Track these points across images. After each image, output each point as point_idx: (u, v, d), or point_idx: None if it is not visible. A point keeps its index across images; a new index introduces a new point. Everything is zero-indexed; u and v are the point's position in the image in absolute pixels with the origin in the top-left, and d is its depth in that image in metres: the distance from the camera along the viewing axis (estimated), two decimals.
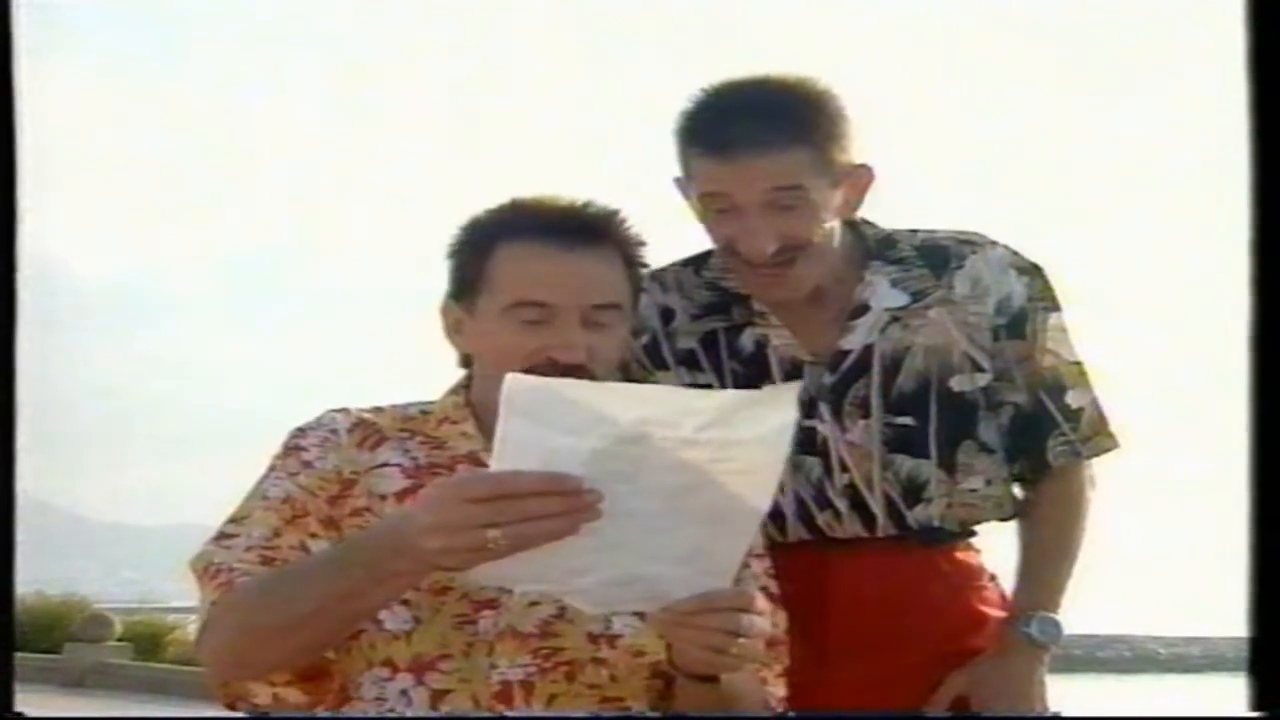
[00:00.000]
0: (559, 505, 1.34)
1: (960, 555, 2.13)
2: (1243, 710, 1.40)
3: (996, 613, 2.13)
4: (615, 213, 1.75)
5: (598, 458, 1.35)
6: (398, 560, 1.44)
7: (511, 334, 1.69)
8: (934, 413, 2.06)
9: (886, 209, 2.14)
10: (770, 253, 1.95)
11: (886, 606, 2.06)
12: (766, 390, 1.43)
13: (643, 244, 1.77)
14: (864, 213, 2.10)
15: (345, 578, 1.51)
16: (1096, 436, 2.15)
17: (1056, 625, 2.09)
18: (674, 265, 2.15)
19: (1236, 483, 1.40)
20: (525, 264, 1.70)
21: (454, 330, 1.79)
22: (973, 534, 2.15)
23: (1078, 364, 2.15)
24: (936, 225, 2.17)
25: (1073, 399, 2.13)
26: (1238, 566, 1.39)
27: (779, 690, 1.78)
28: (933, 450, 2.06)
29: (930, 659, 2.08)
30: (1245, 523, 1.38)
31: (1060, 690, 2.15)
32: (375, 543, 1.49)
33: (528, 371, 1.52)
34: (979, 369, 2.08)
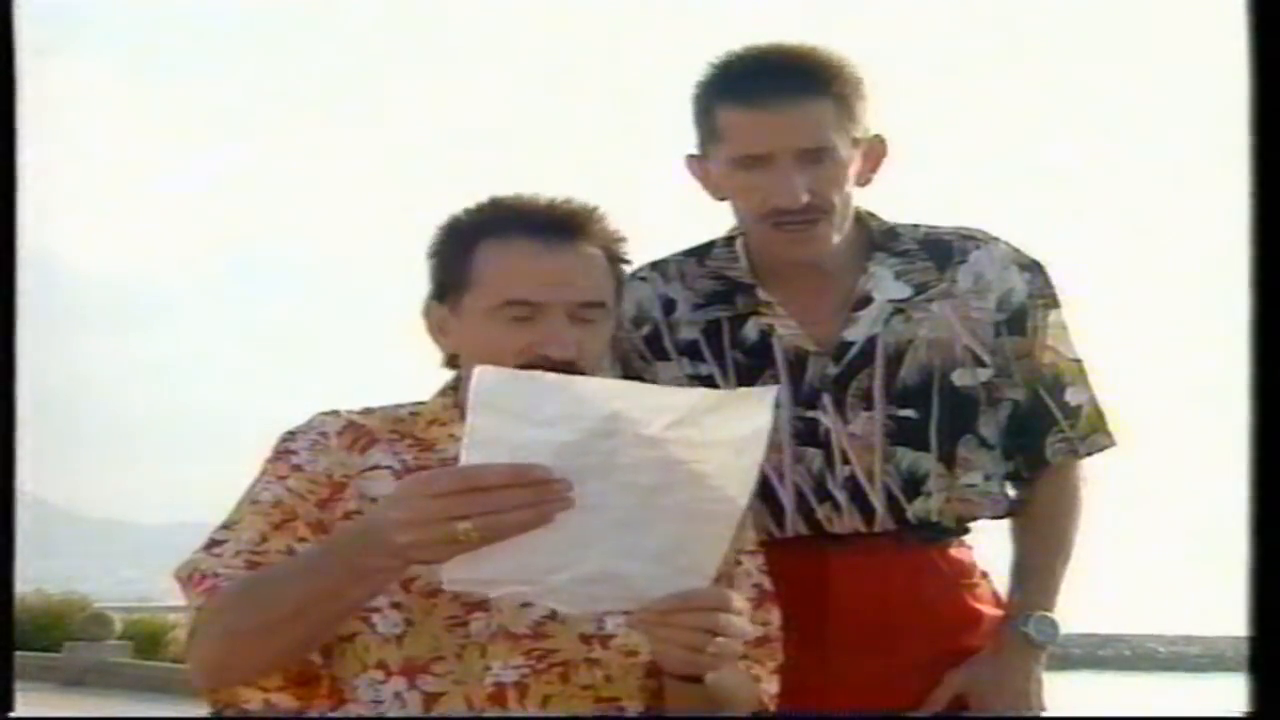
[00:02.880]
0: (528, 496, 1.35)
1: (954, 552, 2.13)
2: (1243, 709, 1.40)
3: (990, 610, 2.13)
4: (595, 209, 1.74)
5: (568, 450, 1.36)
6: (373, 556, 1.45)
7: (500, 332, 1.68)
8: (936, 406, 2.06)
9: (887, 202, 2.12)
10: (803, 203, 1.96)
11: (882, 604, 2.06)
12: (740, 392, 1.43)
13: (623, 240, 1.77)
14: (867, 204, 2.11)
15: (324, 577, 1.51)
16: (1094, 434, 2.16)
17: (1054, 625, 2.09)
18: (676, 255, 2.16)
19: (1236, 482, 1.40)
20: (510, 262, 1.69)
21: (438, 330, 1.78)
22: (967, 531, 2.15)
23: (1077, 361, 2.15)
24: (936, 221, 2.17)
25: (1071, 396, 2.14)
26: (1237, 565, 1.39)
27: (772, 687, 1.78)
28: (933, 444, 2.07)
29: (926, 657, 2.08)
30: (1245, 522, 1.38)
31: (1059, 688, 2.15)
32: (351, 541, 1.50)
33: (519, 369, 1.54)
34: (980, 364, 2.09)
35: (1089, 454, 2.16)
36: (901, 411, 2.06)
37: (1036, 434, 2.13)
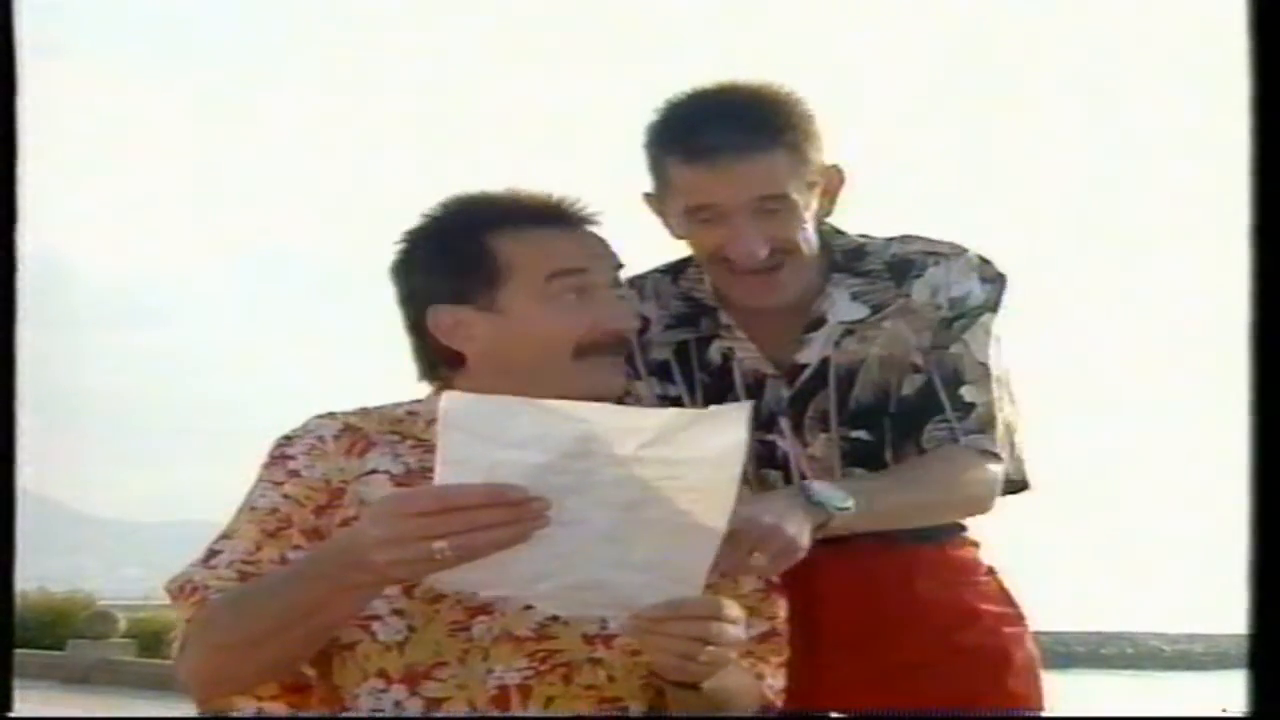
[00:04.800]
0: (504, 515, 1.35)
1: (953, 550, 2.12)
2: (1244, 707, 1.40)
3: (993, 607, 2.13)
4: (580, 200, 1.80)
5: (542, 471, 1.36)
6: (353, 573, 1.46)
7: (556, 308, 1.72)
8: (887, 424, 2.03)
9: (884, 213, 2.14)
10: (763, 256, 1.93)
11: (873, 602, 2.06)
12: (712, 410, 1.43)
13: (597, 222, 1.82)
14: (859, 216, 2.10)
15: (308, 591, 1.52)
16: (979, 434, 1.99)
17: (842, 500, 1.79)
18: (654, 272, 2.14)
19: (1237, 480, 1.40)
20: (545, 244, 1.74)
21: (456, 333, 1.75)
22: (963, 528, 2.13)
23: (983, 365, 2.02)
24: (930, 229, 2.13)
25: (967, 393, 2.01)
26: (1239, 563, 1.39)
27: (778, 682, 1.77)
28: (889, 462, 2.03)
29: (919, 654, 2.08)
30: (1246, 520, 1.38)
31: (1062, 687, 2.15)
32: (332, 557, 1.50)
33: (580, 343, 1.67)
34: (918, 370, 2.03)
35: (971, 446, 1.98)
36: (854, 433, 2.04)
37: (919, 422, 2.00)
